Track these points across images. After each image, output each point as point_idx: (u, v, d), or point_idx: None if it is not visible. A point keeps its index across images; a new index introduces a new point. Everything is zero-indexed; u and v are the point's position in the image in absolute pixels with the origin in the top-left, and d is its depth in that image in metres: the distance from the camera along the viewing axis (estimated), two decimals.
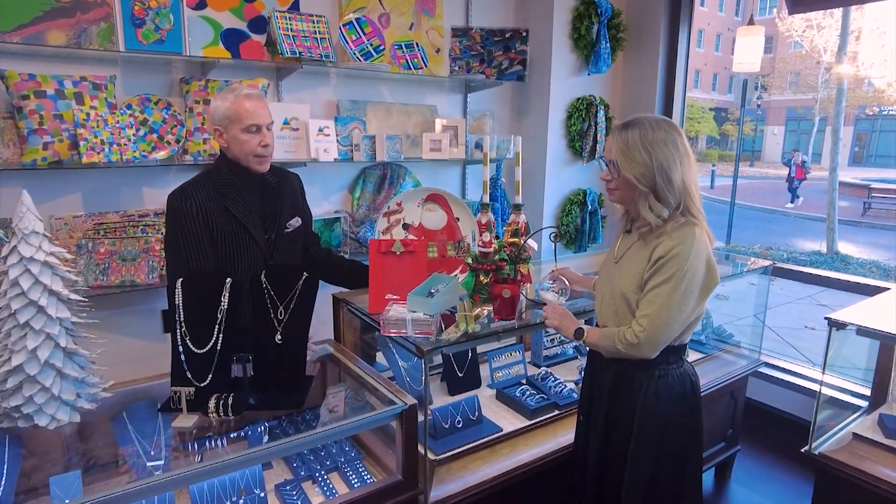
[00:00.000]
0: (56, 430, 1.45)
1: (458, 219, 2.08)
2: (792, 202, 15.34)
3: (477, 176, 3.60)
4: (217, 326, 1.57)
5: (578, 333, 1.69)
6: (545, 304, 1.85)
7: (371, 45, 2.90)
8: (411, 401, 1.56)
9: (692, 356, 2.74)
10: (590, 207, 3.81)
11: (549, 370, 2.34)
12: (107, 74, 2.38)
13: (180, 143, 2.52)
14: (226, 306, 1.58)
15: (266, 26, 2.68)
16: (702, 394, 2.42)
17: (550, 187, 3.72)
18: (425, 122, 3.35)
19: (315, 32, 2.73)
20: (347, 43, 2.83)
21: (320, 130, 2.82)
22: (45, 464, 1.41)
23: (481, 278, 1.87)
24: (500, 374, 2.29)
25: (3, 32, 2.19)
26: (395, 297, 1.83)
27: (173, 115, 2.50)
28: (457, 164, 3.58)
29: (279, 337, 1.63)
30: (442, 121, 3.33)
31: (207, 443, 1.52)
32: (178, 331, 1.56)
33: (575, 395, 2.16)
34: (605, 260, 1.82)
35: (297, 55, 2.63)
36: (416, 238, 1.99)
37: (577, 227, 3.83)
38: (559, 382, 2.23)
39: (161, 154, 2.46)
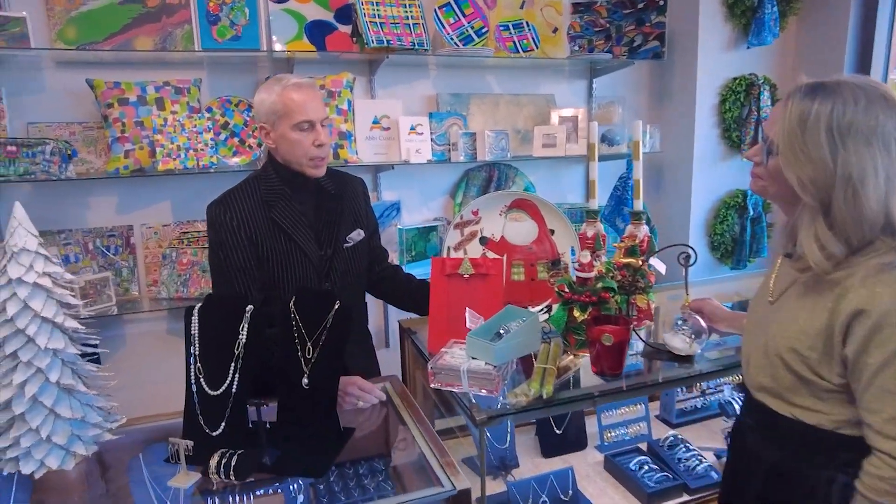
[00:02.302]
0: (66, 471, 1.27)
1: (553, 231, 1.60)
2: None
3: (607, 175, 3.04)
4: (234, 364, 1.29)
5: None
6: (670, 352, 1.32)
7: (472, 27, 2.51)
8: (463, 485, 1.14)
9: None
10: (752, 212, 3.05)
11: (679, 435, 1.74)
12: (191, 78, 2.29)
13: (262, 147, 2.35)
14: (244, 340, 1.29)
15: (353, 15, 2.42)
16: None
17: (700, 188, 3.04)
18: (540, 115, 2.88)
19: (407, 18, 2.42)
20: (444, 27, 2.48)
21: (412, 129, 2.50)
22: None
23: (576, 314, 1.38)
24: (613, 434, 1.76)
25: (96, 42, 2.18)
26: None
27: (255, 117, 2.33)
28: (580, 161, 3.05)
29: (306, 380, 1.30)
30: (559, 111, 2.84)
31: (212, 499, 1.24)
32: (192, 367, 1.31)
33: (715, 475, 1.56)
34: (758, 293, 1.23)
35: (385, 44, 2.33)
36: (497, 256, 1.56)
37: (735, 238, 3.09)
38: (693, 455, 1.64)
39: (241, 159, 2.31)
